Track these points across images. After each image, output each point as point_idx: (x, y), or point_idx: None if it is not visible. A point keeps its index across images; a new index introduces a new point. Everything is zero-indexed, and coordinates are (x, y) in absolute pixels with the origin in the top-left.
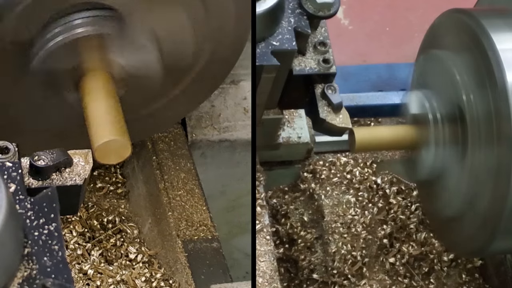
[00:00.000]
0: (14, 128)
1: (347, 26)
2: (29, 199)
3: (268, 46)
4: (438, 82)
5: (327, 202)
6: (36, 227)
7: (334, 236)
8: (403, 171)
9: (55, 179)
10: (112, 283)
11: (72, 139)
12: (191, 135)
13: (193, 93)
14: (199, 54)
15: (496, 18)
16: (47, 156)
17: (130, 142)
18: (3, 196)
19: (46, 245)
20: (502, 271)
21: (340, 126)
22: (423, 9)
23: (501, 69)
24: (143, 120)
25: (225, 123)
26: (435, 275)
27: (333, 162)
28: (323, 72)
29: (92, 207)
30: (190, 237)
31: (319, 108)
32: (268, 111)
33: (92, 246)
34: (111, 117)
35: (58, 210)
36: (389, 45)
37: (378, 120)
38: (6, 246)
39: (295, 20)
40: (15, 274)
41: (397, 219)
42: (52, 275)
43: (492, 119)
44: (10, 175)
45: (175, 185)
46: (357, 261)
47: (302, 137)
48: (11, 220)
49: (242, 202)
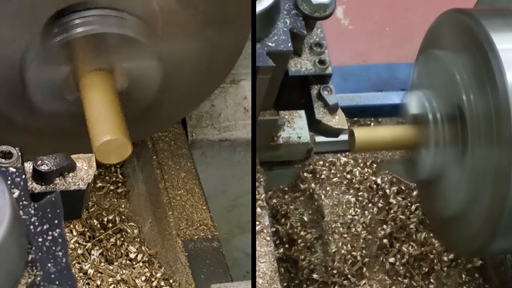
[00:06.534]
0: (16, 131)
1: (347, 26)
2: (33, 205)
3: (264, 47)
4: (438, 82)
5: (327, 202)
6: (40, 233)
7: (334, 236)
8: (403, 171)
9: (59, 183)
10: (112, 283)
11: (74, 140)
12: (191, 135)
13: (194, 90)
14: (201, 49)
15: (496, 18)
16: (50, 161)
17: (131, 141)
18: (7, 203)
19: (50, 252)
20: (502, 271)
21: (336, 127)
22: (423, 9)
23: (501, 69)
24: (143, 119)
25: (225, 123)
26: (435, 275)
27: (333, 162)
28: (319, 73)
29: (92, 206)
30: (190, 236)
31: (315, 109)
32: (264, 112)
33: (92, 245)
34: (111, 117)
35: (62, 216)
36: (389, 45)
37: (378, 120)
38: (10, 253)
39: (291, 21)
40: (19, 280)
41: (397, 219)
42: (56, 281)
43: (492, 119)
44: (13, 181)
45: (175, 184)
46: (357, 261)
47: (302, 137)
48: (15, 226)
49: (242, 202)
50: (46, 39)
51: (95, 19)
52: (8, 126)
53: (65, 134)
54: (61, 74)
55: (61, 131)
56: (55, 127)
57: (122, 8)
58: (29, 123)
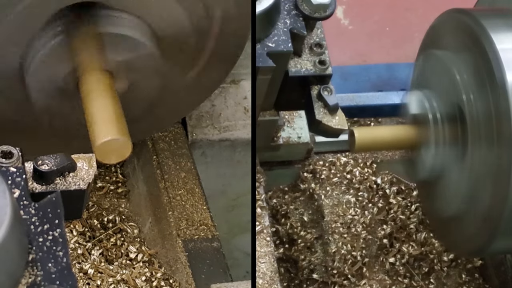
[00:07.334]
0: (16, 131)
1: (347, 26)
2: (34, 204)
3: (264, 47)
4: (438, 82)
5: (327, 202)
6: (41, 233)
7: (334, 236)
8: (403, 171)
9: (59, 183)
10: (112, 283)
11: (74, 139)
12: (191, 135)
13: (195, 89)
14: (200, 49)
15: (496, 18)
16: (51, 161)
17: (131, 141)
18: (7, 203)
19: (51, 251)
20: (502, 271)
21: (336, 127)
22: (423, 9)
23: (501, 69)
24: (143, 119)
25: (226, 123)
26: (435, 275)
27: (333, 162)
28: (319, 74)
29: (92, 206)
30: (191, 236)
31: (315, 109)
32: (264, 113)
33: (92, 245)
34: (111, 117)
35: (62, 216)
36: (389, 45)
37: (378, 120)
38: (10, 253)
39: (291, 21)
40: (20, 280)
41: (397, 219)
42: (56, 281)
43: (492, 119)
44: (14, 181)
45: (175, 184)
46: (357, 261)
47: (302, 137)
48: (15, 226)
49: (242, 202)
50: (46, 38)
51: (95, 19)
52: (8, 126)
53: (65, 133)
54: (62, 73)
55: (61, 130)
56: (55, 127)
57: (122, 8)
58: (29, 123)
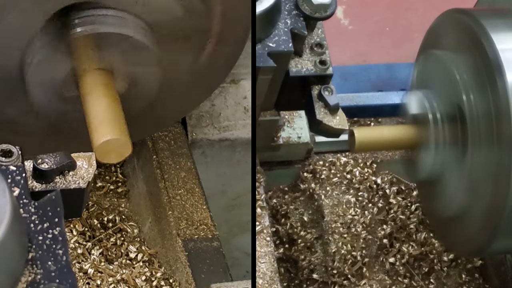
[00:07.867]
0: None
1: (347, 26)
2: (33, 203)
3: (265, 47)
4: (438, 82)
5: (327, 202)
6: (40, 231)
7: (334, 236)
8: (403, 171)
9: (59, 182)
10: (112, 282)
11: (74, 139)
12: (191, 134)
13: (195, 89)
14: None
15: (496, 18)
16: (51, 159)
17: (131, 141)
18: (7, 201)
19: (51, 250)
20: (502, 271)
21: (337, 127)
22: (423, 9)
23: (501, 69)
24: (143, 119)
25: (226, 122)
26: (435, 275)
27: (333, 162)
28: (319, 74)
29: (92, 206)
30: (190, 236)
31: (316, 109)
32: (264, 113)
33: (92, 245)
34: (111, 116)
35: (62, 214)
36: (389, 45)
37: (378, 120)
38: (10, 251)
39: (291, 21)
40: (20, 279)
41: (397, 219)
42: (56, 280)
43: (492, 119)
44: (14, 179)
45: (175, 184)
46: (357, 261)
47: (302, 137)
48: (15, 224)
49: (242, 201)
50: (47, 38)
51: (96, 19)
52: (8, 125)
53: (65, 133)
54: (62, 73)
55: (61, 130)
56: (55, 126)
57: (123, 7)
58: (29, 122)
